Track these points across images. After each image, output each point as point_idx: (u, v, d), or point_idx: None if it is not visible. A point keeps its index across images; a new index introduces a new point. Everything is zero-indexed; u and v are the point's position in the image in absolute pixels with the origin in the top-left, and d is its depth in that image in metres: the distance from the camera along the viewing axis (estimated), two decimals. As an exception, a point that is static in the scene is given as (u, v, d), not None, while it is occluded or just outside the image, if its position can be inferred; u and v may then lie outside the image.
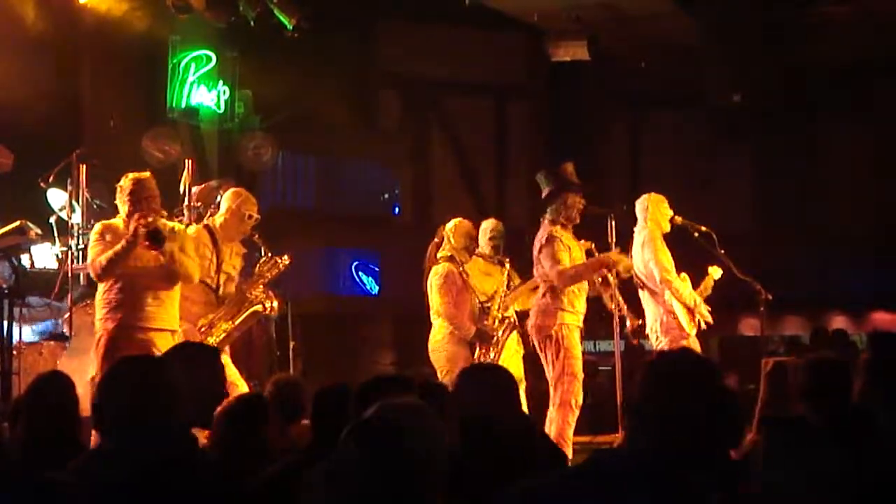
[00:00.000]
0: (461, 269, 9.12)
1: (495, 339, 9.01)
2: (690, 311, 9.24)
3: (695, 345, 9.22)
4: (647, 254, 9.26)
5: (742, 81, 13.16)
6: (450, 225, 9.27)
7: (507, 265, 9.34)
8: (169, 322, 7.63)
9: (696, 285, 9.45)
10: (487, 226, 9.50)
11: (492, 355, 8.95)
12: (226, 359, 8.09)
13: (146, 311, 7.53)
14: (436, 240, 9.30)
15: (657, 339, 9.24)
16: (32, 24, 11.07)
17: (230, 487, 3.99)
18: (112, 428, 4.01)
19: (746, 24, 12.78)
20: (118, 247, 7.45)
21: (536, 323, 8.78)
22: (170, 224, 7.85)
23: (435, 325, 9.11)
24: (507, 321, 9.14)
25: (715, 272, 9.52)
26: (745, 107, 13.89)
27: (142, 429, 3.83)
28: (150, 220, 7.46)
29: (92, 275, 7.64)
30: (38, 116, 10.94)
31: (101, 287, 7.61)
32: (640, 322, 9.25)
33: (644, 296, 9.35)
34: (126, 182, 7.70)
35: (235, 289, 8.26)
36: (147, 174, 7.79)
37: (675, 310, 9.19)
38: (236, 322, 8.13)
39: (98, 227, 7.77)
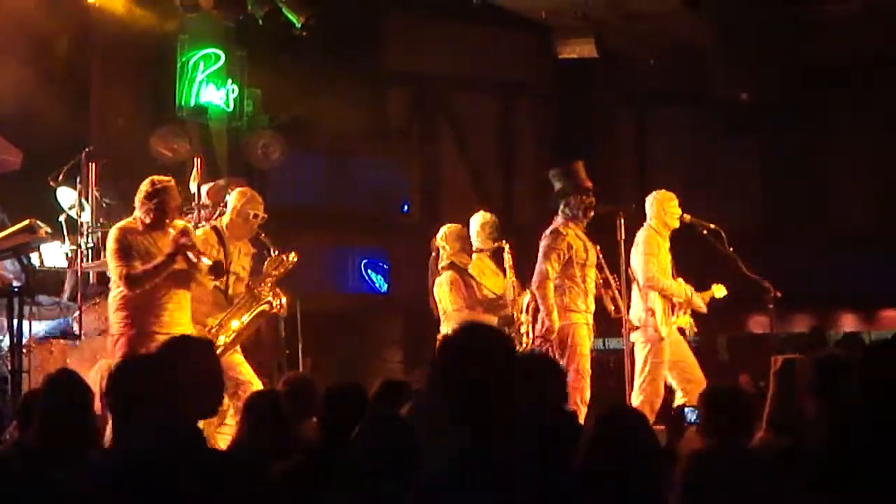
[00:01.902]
0: (463, 272, 9.14)
1: (517, 325, 8.99)
2: (672, 311, 9.29)
3: (678, 345, 9.28)
4: (638, 255, 9.30)
5: (749, 79, 13.17)
6: (440, 235, 9.31)
7: (507, 249, 9.33)
8: (186, 325, 7.67)
9: (697, 290, 9.53)
10: (484, 220, 9.52)
11: (525, 341, 8.91)
12: (240, 358, 8.12)
13: (165, 316, 7.56)
14: (433, 254, 9.32)
15: (635, 339, 9.29)
16: (41, 24, 11.09)
17: (242, 483, 4.01)
18: (117, 425, 4.03)
19: (753, 22, 12.78)
20: (158, 263, 7.50)
21: (545, 326, 8.79)
22: (180, 224, 7.89)
23: (443, 329, 9.12)
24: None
25: (718, 290, 9.58)
26: (753, 104, 13.88)
27: (146, 425, 3.86)
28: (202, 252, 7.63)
29: (123, 286, 7.55)
30: (47, 115, 10.96)
31: (118, 289, 7.62)
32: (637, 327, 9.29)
33: (634, 289, 9.39)
34: (150, 187, 7.69)
35: (245, 288, 8.28)
36: (171, 181, 7.84)
37: (654, 307, 9.24)
38: (245, 321, 8.14)
39: (116, 232, 7.68)
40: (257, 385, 7.85)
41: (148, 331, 7.49)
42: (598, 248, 9.07)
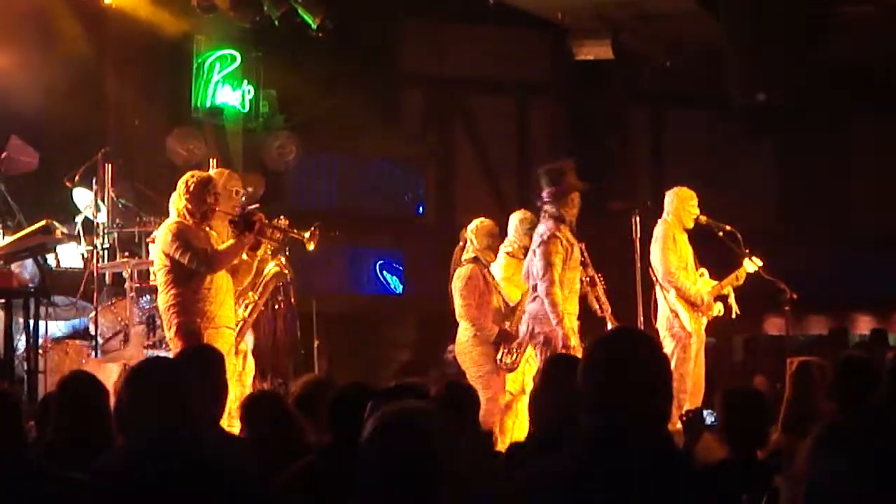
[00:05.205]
0: (485, 270, 9.10)
1: (519, 340, 8.93)
2: (696, 309, 9.23)
3: (697, 344, 9.22)
4: (656, 250, 9.24)
5: (765, 81, 13.12)
6: (471, 226, 9.22)
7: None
8: (231, 318, 7.75)
9: (724, 278, 9.46)
10: (524, 216, 9.39)
11: (514, 356, 8.87)
12: (243, 346, 8.12)
13: (213, 312, 7.56)
14: (460, 243, 9.28)
15: (663, 337, 9.21)
16: (58, 25, 11.12)
17: (251, 485, 4.00)
18: (133, 428, 4.02)
19: (770, 23, 12.74)
20: (235, 242, 7.62)
21: (529, 330, 8.56)
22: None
23: (461, 327, 9.07)
24: None
25: (749, 265, 9.46)
26: (769, 106, 13.84)
27: (163, 429, 3.85)
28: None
29: (203, 267, 7.49)
30: (63, 116, 11.00)
31: (168, 290, 7.58)
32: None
33: (658, 290, 9.32)
34: (196, 181, 7.70)
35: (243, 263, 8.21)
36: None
37: (677, 309, 9.18)
38: (259, 290, 8.16)
39: (174, 226, 7.59)
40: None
41: (196, 328, 7.48)
42: (584, 245, 8.75)
